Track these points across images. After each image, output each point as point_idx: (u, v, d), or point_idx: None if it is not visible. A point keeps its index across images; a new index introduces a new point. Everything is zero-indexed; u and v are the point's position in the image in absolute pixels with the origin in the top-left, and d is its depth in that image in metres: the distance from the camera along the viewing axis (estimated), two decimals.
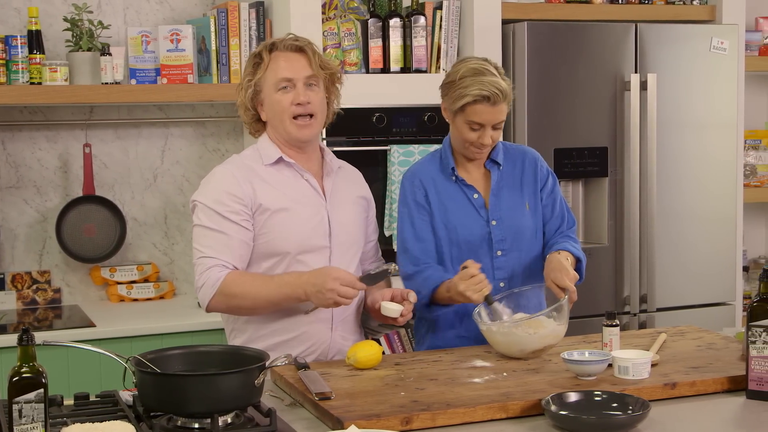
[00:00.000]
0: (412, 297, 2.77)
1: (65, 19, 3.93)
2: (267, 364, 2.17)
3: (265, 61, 2.77)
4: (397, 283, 3.02)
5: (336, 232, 2.79)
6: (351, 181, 2.94)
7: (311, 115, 2.77)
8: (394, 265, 2.77)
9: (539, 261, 2.99)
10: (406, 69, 4.03)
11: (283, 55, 2.77)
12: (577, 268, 2.95)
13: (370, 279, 2.71)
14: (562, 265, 2.82)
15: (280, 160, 2.78)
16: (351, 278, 2.61)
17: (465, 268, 2.78)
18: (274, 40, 2.80)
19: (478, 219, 2.96)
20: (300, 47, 2.78)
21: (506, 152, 3.04)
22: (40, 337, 3.31)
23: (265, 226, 2.73)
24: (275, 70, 2.75)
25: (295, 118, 2.76)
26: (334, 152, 2.97)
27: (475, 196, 2.97)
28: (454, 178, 2.98)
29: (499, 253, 2.95)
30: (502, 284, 2.94)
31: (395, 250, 3.87)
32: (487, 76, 2.83)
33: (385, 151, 3.91)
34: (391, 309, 2.74)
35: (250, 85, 2.77)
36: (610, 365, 2.47)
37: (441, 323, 2.99)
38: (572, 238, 3.03)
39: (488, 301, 2.77)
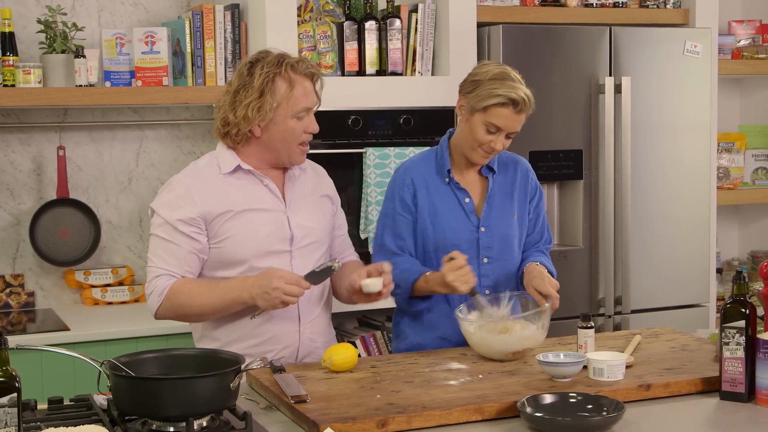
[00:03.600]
0: (387, 267, 2.76)
1: (39, 21, 3.91)
2: (242, 367, 2.17)
3: (284, 84, 2.69)
4: None
5: (298, 236, 2.79)
6: (315, 182, 2.92)
7: None
8: (338, 261, 2.74)
9: (516, 270, 3.02)
10: (381, 71, 4.04)
11: (301, 80, 2.72)
12: None
13: (314, 276, 2.69)
14: (542, 274, 2.85)
15: (237, 168, 2.76)
16: (295, 277, 2.62)
17: (451, 259, 2.78)
18: (292, 62, 2.72)
19: (467, 224, 2.97)
20: (313, 74, 2.76)
21: (500, 159, 3.05)
22: (13, 341, 3.29)
23: (220, 232, 2.72)
24: (298, 99, 2.71)
25: (300, 144, 2.77)
26: (310, 155, 2.96)
27: (467, 200, 2.98)
28: (447, 180, 2.98)
29: (485, 260, 2.96)
30: (487, 291, 2.94)
31: (371, 253, 3.88)
32: (516, 83, 2.86)
33: (361, 153, 3.91)
34: (373, 284, 2.73)
35: (272, 108, 2.69)
36: (585, 367, 2.48)
37: (424, 323, 3.00)
38: (546, 254, 3.06)
39: (473, 293, 2.78)
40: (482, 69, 2.92)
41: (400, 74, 4.05)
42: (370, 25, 3.99)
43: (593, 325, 2.66)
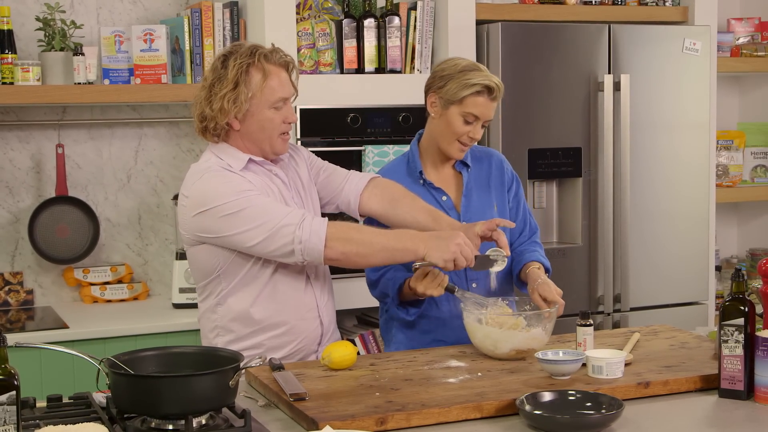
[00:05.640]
0: (504, 223, 2.81)
1: (37, 19, 3.91)
2: (241, 365, 2.16)
3: (258, 75, 2.69)
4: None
5: None
6: (299, 164, 2.93)
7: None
8: (503, 257, 2.79)
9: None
10: (380, 69, 4.04)
11: (276, 70, 2.72)
12: None
13: (481, 260, 2.74)
14: (547, 281, 2.84)
15: (249, 162, 2.76)
16: (472, 246, 2.65)
17: (416, 269, 2.78)
18: (265, 52, 2.72)
19: None
20: (287, 63, 2.76)
21: (472, 153, 3.07)
22: (12, 338, 3.31)
23: None
24: (273, 89, 2.71)
25: (281, 134, 2.76)
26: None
27: (444, 198, 2.98)
28: (422, 181, 2.99)
29: None
30: (474, 285, 2.95)
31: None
32: (486, 71, 2.90)
33: (360, 151, 3.91)
34: (500, 266, 2.79)
35: (247, 99, 2.68)
36: (584, 365, 2.48)
37: (417, 328, 3.00)
38: (539, 244, 3.07)
39: (450, 290, 2.77)
40: (449, 63, 2.96)
41: (399, 72, 4.05)
42: (369, 23, 3.99)
43: (592, 322, 2.66)
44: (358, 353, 2.66)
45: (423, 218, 2.87)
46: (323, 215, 2.94)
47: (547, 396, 2.25)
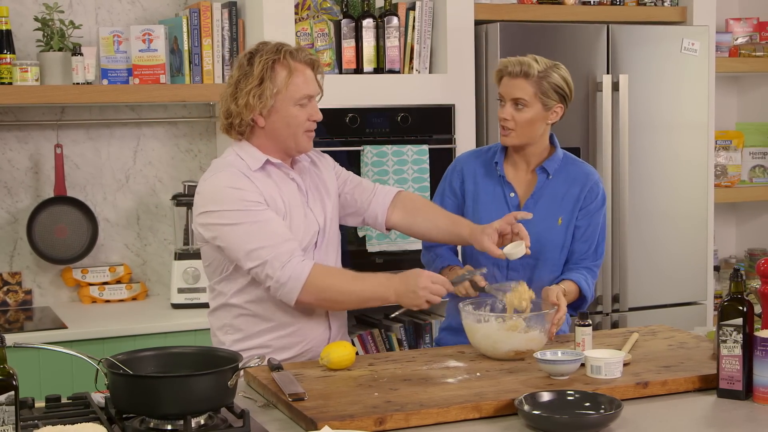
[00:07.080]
0: (521, 215, 2.82)
1: (36, 19, 3.90)
2: (240, 365, 2.17)
3: (284, 71, 2.70)
4: None
5: (324, 229, 2.83)
6: (324, 173, 2.93)
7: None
8: (482, 273, 2.80)
9: (555, 277, 3.02)
10: (379, 69, 4.04)
11: (301, 68, 2.73)
12: (579, 303, 2.99)
13: (460, 281, 2.77)
14: (560, 294, 2.83)
15: (267, 163, 2.76)
16: (442, 278, 2.66)
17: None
18: (291, 50, 2.73)
19: None
20: (313, 61, 2.77)
21: (564, 165, 3.07)
22: (11, 339, 3.30)
23: None
24: (298, 86, 2.71)
25: (306, 131, 2.77)
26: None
27: (512, 194, 3.03)
28: (498, 173, 3.05)
29: None
30: (513, 285, 2.96)
31: (368, 250, 3.89)
32: (523, 58, 3.01)
33: (359, 151, 3.91)
34: (518, 252, 2.77)
35: (272, 95, 2.68)
36: (582, 365, 2.49)
37: (455, 326, 3.05)
38: (593, 272, 3.07)
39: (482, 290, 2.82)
40: None
41: (398, 72, 4.05)
42: (368, 23, 3.99)
43: (591, 322, 2.66)
44: (357, 353, 2.66)
45: (443, 222, 2.93)
46: (341, 227, 2.97)
47: (545, 396, 2.25)
